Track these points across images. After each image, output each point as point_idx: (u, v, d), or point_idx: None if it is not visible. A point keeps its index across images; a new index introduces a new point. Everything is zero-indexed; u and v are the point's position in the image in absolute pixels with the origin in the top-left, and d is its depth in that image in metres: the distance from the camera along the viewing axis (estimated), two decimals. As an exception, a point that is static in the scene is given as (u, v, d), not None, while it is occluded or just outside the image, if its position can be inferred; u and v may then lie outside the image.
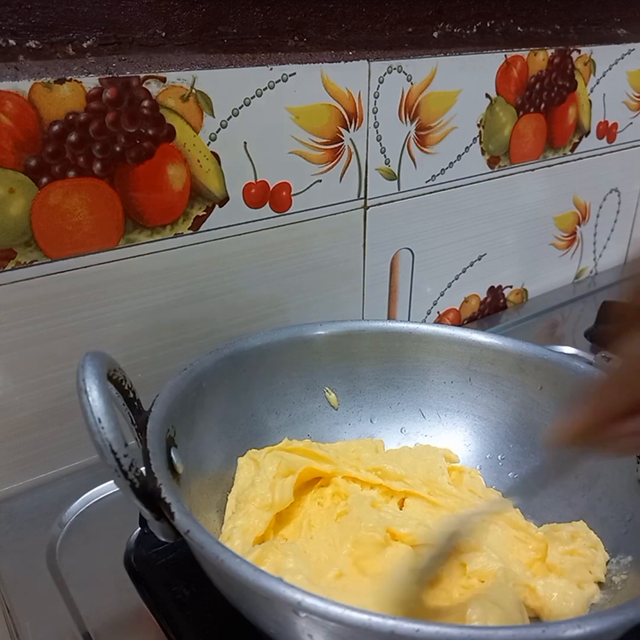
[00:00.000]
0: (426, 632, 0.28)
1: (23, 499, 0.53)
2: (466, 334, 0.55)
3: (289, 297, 0.64)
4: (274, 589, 0.30)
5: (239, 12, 0.54)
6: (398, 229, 0.69)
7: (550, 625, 0.29)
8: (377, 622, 0.29)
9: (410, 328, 0.56)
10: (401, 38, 0.64)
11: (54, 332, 0.52)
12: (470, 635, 0.29)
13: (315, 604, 0.29)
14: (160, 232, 0.54)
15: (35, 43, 0.46)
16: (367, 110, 0.62)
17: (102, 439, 0.34)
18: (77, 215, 0.50)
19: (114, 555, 0.48)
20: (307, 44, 0.58)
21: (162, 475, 0.36)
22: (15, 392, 0.52)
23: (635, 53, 0.83)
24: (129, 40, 0.50)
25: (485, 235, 0.78)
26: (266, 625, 0.36)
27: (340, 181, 0.63)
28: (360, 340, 0.55)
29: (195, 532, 0.33)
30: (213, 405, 0.48)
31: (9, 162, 0.46)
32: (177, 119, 0.52)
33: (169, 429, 0.41)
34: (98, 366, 0.36)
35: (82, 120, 0.48)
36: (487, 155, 0.73)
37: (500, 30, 0.71)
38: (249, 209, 0.58)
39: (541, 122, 0.77)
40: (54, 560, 0.48)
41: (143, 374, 0.55)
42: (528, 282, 0.86)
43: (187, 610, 0.44)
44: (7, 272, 0.48)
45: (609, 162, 0.88)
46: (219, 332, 0.60)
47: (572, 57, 0.76)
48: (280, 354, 0.53)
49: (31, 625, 0.43)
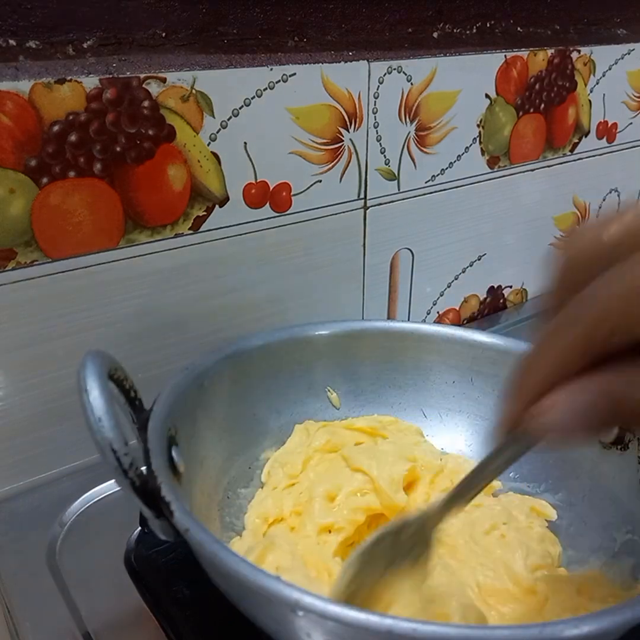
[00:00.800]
0: (423, 631, 0.28)
1: (23, 499, 0.53)
2: (468, 334, 0.55)
3: (289, 297, 0.64)
4: (272, 588, 0.30)
5: (239, 13, 0.54)
6: (398, 229, 0.69)
7: (548, 626, 0.29)
8: (375, 621, 0.29)
9: (412, 328, 0.56)
10: (401, 38, 0.64)
11: (54, 332, 0.52)
12: (467, 635, 0.29)
13: (313, 603, 0.29)
14: (161, 232, 0.54)
15: (36, 43, 0.47)
16: (367, 111, 0.62)
17: (102, 437, 0.34)
18: (77, 216, 0.50)
19: (114, 555, 0.48)
20: (307, 44, 0.58)
21: (162, 474, 0.36)
22: (15, 392, 0.52)
23: (635, 53, 0.83)
24: (129, 41, 0.50)
25: (485, 235, 0.78)
26: (265, 624, 0.36)
27: (340, 181, 0.63)
28: (362, 340, 0.55)
29: (194, 530, 0.33)
30: (214, 404, 0.48)
31: (9, 162, 0.46)
32: (177, 120, 0.52)
33: (170, 428, 0.41)
34: (99, 365, 0.36)
35: (82, 121, 0.48)
36: (487, 155, 0.73)
37: (500, 31, 0.71)
38: (249, 209, 0.58)
39: (541, 123, 0.77)
40: (54, 560, 0.48)
41: (143, 374, 0.55)
42: (528, 282, 0.86)
43: (187, 610, 0.44)
44: (8, 272, 0.48)
45: (609, 162, 0.87)
46: (219, 332, 0.60)
47: (572, 57, 0.76)
48: (282, 353, 0.53)
49: (31, 625, 0.43)
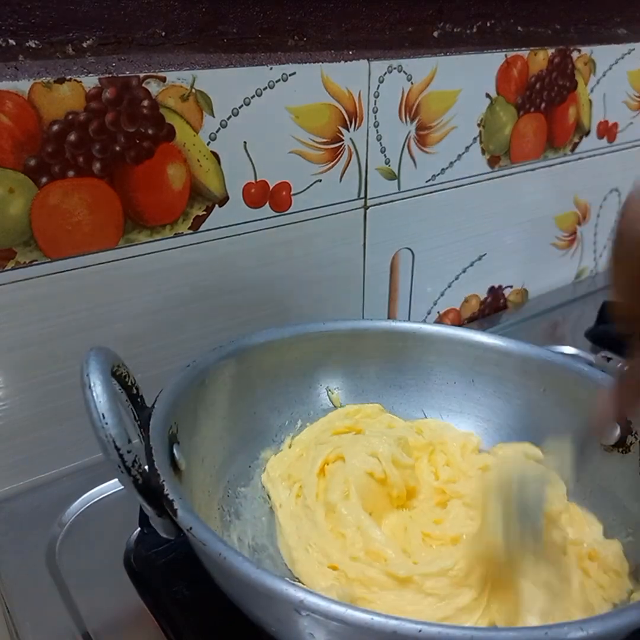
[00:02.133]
0: (429, 632, 0.28)
1: (23, 499, 0.53)
2: (469, 334, 0.54)
3: (289, 297, 0.64)
4: (276, 587, 0.30)
5: (239, 12, 0.54)
6: (398, 229, 0.69)
7: (553, 628, 0.29)
8: (379, 622, 0.28)
9: (414, 328, 0.55)
10: (401, 38, 0.63)
11: (54, 332, 0.52)
12: (472, 636, 0.29)
13: (317, 603, 0.29)
14: (160, 232, 0.54)
15: (35, 43, 0.46)
16: (367, 110, 0.62)
17: (105, 434, 0.34)
18: (76, 215, 0.50)
19: (114, 555, 0.48)
20: (307, 43, 0.58)
21: (164, 471, 0.36)
22: (15, 392, 0.52)
23: (636, 53, 0.83)
24: (129, 40, 0.50)
25: (485, 235, 0.78)
26: (267, 623, 0.36)
27: (340, 181, 0.63)
28: (363, 339, 0.55)
29: (197, 529, 0.33)
30: (215, 402, 0.48)
31: (8, 162, 0.46)
32: (177, 119, 0.52)
33: (171, 426, 0.41)
34: (102, 362, 0.36)
35: (81, 120, 0.48)
36: (487, 155, 0.73)
37: (500, 30, 0.71)
38: (248, 209, 0.58)
39: (541, 122, 0.77)
40: (54, 560, 0.48)
41: (143, 374, 0.54)
42: (528, 282, 0.86)
43: (187, 610, 0.44)
44: (7, 272, 0.48)
45: (609, 162, 0.87)
46: (219, 332, 0.60)
47: (572, 56, 0.76)
48: (283, 352, 0.53)
49: (31, 625, 0.43)
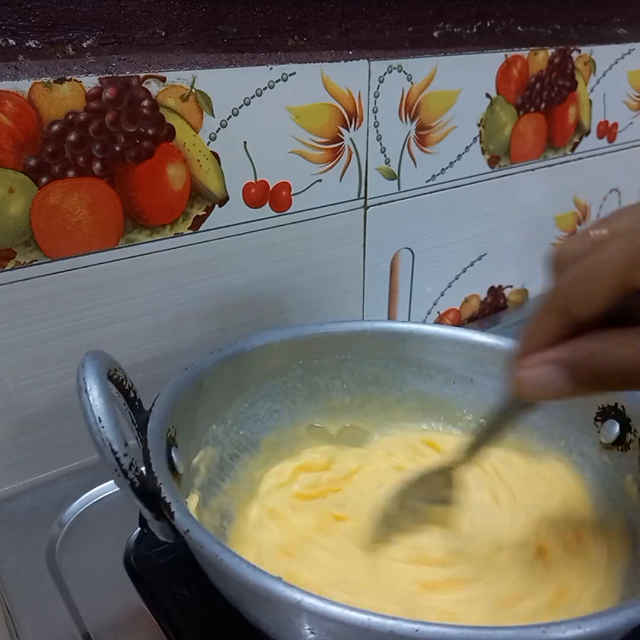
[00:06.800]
0: (426, 632, 0.28)
1: (23, 499, 0.53)
2: (469, 334, 0.54)
3: (289, 297, 0.64)
4: (274, 589, 0.30)
5: (238, 12, 0.54)
6: (398, 229, 0.69)
7: (551, 626, 0.29)
8: (377, 622, 0.29)
9: (412, 328, 0.55)
10: (401, 38, 0.63)
11: (54, 332, 0.52)
12: (469, 635, 0.29)
13: (315, 604, 0.29)
14: (160, 232, 0.54)
15: (35, 43, 0.46)
16: (367, 110, 0.62)
17: (102, 438, 0.34)
18: (76, 215, 0.50)
19: (114, 555, 0.48)
20: (307, 43, 0.58)
21: (162, 474, 0.36)
22: (15, 392, 0.52)
23: (636, 53, 0.83)
24: (129, 40, 0.50)
25: (485, 235, 0.78)
26: (266, 625, 0.36)
27: (340, 181, 0.63)
28: (362, 340, 0.55)
29: (194, 531, 0.33)
30: (214, 405, 0.48)
31: (8, 161, 0.46)
32: (176, 119, 0.52)
33: (169, 429, 0.41)
34: (98, 365, 0.36)
35: (81, 120, 0.48)
36: (487, 154, 0.73)
37: (500, 30, 0.71)
38: (248, 209, 0.58)
39: (541, 122, 0.77)
40: (53, 560, 0.48)
41: (143, 374, 0.55)
42: (528, 282, 0.86)
43: (187, 610, 0.44)
44: (7, 272, 0.48)
45: (609, 162, 0.87)
46: (218, 332, 0.60)
47: (572, 56, 0.76)
48: (281, 354, 0.53)
49: (31, 625, 0.43)
